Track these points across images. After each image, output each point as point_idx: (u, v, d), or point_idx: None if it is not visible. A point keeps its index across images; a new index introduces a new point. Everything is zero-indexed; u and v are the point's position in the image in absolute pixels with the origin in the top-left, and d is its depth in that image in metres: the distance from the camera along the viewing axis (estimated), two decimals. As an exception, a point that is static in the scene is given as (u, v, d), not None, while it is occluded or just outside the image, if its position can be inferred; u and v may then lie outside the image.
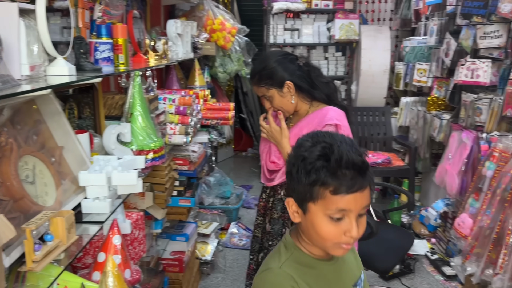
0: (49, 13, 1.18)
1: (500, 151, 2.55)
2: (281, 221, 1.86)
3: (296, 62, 1.77)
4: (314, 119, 1.75)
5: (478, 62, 2.90)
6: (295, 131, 1.76)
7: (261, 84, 1.75)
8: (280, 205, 1.86)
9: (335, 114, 1.72)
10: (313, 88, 1.76)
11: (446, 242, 3.27)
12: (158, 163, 1.80)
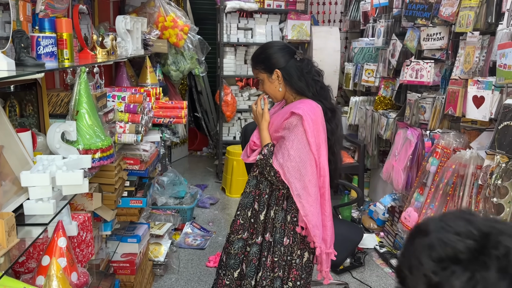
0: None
1: (442, 148, 2.69)
2: (282, 230, 1.87)
3: (293, 56, 1.85)
4: (290, 107, 1.82)
5: (422, 62, 3.05)
6: (275, 116, 1.88)
7: (256, 67, 1.89)
8: (282, 215, 1.88)
9: (306, 106, 1.77)
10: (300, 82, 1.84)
11: (394, 235, 3.40)
12: (106, 163, 1.74)
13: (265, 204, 1.89)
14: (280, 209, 1.87)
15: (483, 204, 2.32)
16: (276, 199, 1.88)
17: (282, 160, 1.77)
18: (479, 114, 2.35)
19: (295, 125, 1.75)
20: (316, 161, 1.78)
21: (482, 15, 2.45)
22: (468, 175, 2.41)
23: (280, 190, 1.87)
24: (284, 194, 1.87)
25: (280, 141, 1.82)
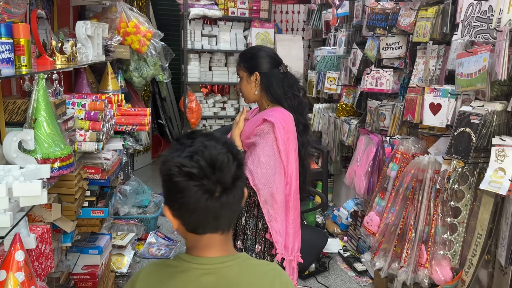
0: None
1: (401, 153, 2.78)
2: (253, 237, 1.86)
3: (278, 67, 1.91)
4: (262, 114, 1.86)
5: (381, 71, 3.14)
6: (247, 123, 1.91)
7: (240, 63, 1.93)
8: (253, 222, 1.87)
9: (278, 114, 1.80)
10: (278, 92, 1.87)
11: (357, 239, 3.47)
12: (66, 172, 1.69)
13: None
14: (252, 216, 1.87)
15: (441, 208, 2.42)
16: (247, 206, 1.88)
17: (252, 166, 1.77)
18: (436, 121, 2.44)
19: (267, 132, 1.77)
20: (285, 169, 1.80)
21: (438, 26, 2.57)
22: (427, 180, 2.50)
23: (251, 197, 1.87)
24: (255, 201, 1.87)
25: (251, 148, 1.82)
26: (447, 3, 2.48)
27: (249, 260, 1.04)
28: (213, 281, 0.96)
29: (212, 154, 0.92)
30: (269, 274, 1.02)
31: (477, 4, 2.13)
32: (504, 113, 2.03)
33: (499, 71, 1.91)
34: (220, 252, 0.99)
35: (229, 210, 0.96)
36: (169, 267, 1.00)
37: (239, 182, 0.96)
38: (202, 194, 0.90)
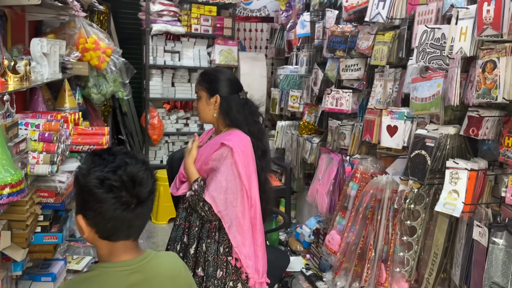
0: None
1: (361, 173, 2.83)
2: (215, 263, 1.82)
3: (238, 92, 1.92)
4: (220, 138, 1.86)
5: (341, 92, 3.21)
6: (204, 146, 1.90)
7: (201, 83, 1.93)
8: (214, 247, 1.84)
9: (236, 138, 1.82)
10: (238, 118, 1.88)
11: (319, 257, 3.49)
12: (16, 199, 1.61)
13: (195, 237, 1.86)
14: (213, 241, 1.84)
15: (399, 227, 2.47)
16: (207, 231, 1.85)
17: (215, 193, 1.76)
18: (393, 142, 2.51)
19: (226, 157, 1.77)
20: (247, 192, 1.79)
21: (394, 50, 2.65)
22: (385, 199, 2.55)
23: (212, 222, 1.85)
24: (216, 226, 1.85)
25: (211, 174, 1.81)
26: (403, 29, 2.57)
27: (157, 254, 1.19)
28: (141, 277, 1.09)
29: (134, 171, 1.04)
30: (174, 260, 1.24)
31: (430, 31, 2.22)
32: (457, 137, 2.12)
33: (452, 97, 1.99)
34: (135, 254, 1.12)
35: (141, 220, 1.09)
36: (94, 277, 1.07)
37: (152, 196, 1.10)
38: (120, 205, 1.02)
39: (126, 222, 1.04)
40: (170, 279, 1.16)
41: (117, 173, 1.01)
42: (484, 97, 1.83)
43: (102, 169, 1.02)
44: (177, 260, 1.25)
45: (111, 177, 1.00)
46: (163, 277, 1.14)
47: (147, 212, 1.09)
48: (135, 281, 1.07)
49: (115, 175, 1.00)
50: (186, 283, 1.22)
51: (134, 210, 1.04)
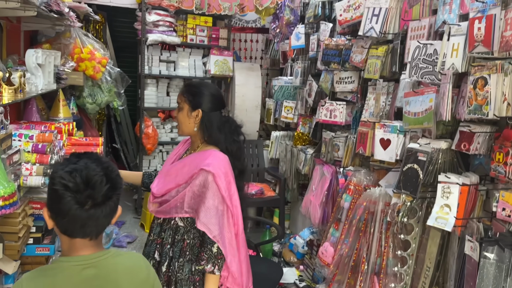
0: None
1: (354, 185, 2.84)
2: (190, 282, 1.79)
3: (220, 109, 1.92)
4: (197, 159, 1.83)
5: (335, 104, 3.24)
6: (179, 165, 1.87)
7: (184, 94, 1.89)
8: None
9: (215, 161, 1.79)
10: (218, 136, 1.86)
11: (312, 269, 3.49)
12: (9, 211, 1.61)
13: (167, 255, 1.83)
14: (186, 260, 1.81)
15: (392, 240, 2.48)
16: (180, 250, 1.82)
17: (205, 219, 1.74)
18: (386, 156, 2.53)
19: (209, 182, 1.75)
20: (232, 212, 1.80)
21: (388, 64, 2.68)
22: (378, 212, 2.56)
23: (185, 241, 1.82)
24: (188, 244, 1.82)
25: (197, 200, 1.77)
26: (396, 43, 2.60)
27: (119, 252, 1.26)
28: (94, 272, 1.16)
29: (89, 174, 1.12)
30: (134, 256, 1.30)
31: (423, 47, 2.25)
32: (449, 151, 2.14)
33: (444, 112, 2.01)
34: (93, 250, 1.19)
35: (95, 222, 1.15)
36: (50, 270, 1.18)
37: (110, 202, 1.16)
38: (74, 204, 1.10)
39: (80, 221, 1.12)
40: (127, 276, 1.21)
41: (72, 174, 1.11)
42: (475, 113, 1.85)
43: (63, 168, 1.13)
44: (139, 259, 1.30)
45: (66, 177, 1.10)
46: (119, 274, 1.20)
47: (102, 215, 1.15)
48: (88, 276, 1.15)
49: (70, 176, 1.11)
50: (146, 281, 1.26)
51: (88, 211, 1.12)
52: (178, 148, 2.06)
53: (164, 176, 1.91)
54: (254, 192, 4.20)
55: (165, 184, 1.86)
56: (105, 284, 1.17)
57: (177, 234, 1.82)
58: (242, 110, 4.72)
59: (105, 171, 1.15)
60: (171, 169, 1.90)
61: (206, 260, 1.73)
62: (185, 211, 1.78)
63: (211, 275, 1.75)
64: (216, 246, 1.73)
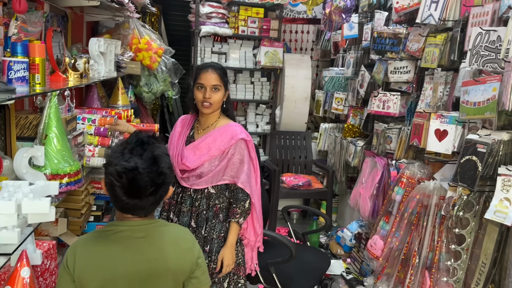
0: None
1: (407, 177, 2.77)
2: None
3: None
4: (226, 132, 2.04)
5: (388, 94, 3.16)
6: (209, 139, 2.02)
7: (222, 76, 2.03)
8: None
9: (244, 131, 2.06)
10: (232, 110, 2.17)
11: (360, 262, 3.45)
12: (74, 188, 1.72)
13: (203, 220, 2.03)
14: (217, 221, 2.03)
15: (446, 234, 2.40)
16: (213, 213, 2.03)
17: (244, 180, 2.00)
18: (441, 147, 2.44)
19: (244, 148, 2.03)
20: (255, 170, 2.09)
21: (446, 53, 2.58)
22: (432, 206, 2.49)
23: (217, 205, 2.03)
24: (220, 208, 2.04)
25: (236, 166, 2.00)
26: (455, 31, 2.50)
27: (166, 222, 1.38)
28: (142, 236, 1.27)
29: (135, 178, 1.19)
30: (181, 229, 1.40)
31: (485, 34, 2.15)
32: (510, 143, 2.03)
33: (506, 102, 1.92)
34: (144, 219, 1.29)
35: (142, 208, 1.25)
36: (105, 232, 1.29)
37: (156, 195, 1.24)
38: (122, 195, 1.21)
39: (128, 207, 1.24)
40: (172, 243, 1.30)
41: (119, 174, 1.19)
42: (542, 102, 1.75)
43: (116, 162, 1.21)
44: (185, 231, 1.40)
45: (115, 176, 1.20)
46: (164, 240, 1.29)
47: (147, 205, 1.25)
48: (137, 240, 1.27)
49: (118, 176, 1.19)
50: (190, 250, 1.34)
51: (135, 201, 1.22)
52: (179, 129, 2.17)
53: (193, 151, 2.05)
54: (301, 183, 4.20)
55: (197, 158, 2.02)
56: (152, 248, 1.26)
57: (210, 200, 2.02)
58: (291, 101, 4.71)
59: (151, 175, 1.21)
60: (198, 145, 2.05)
61: (240, 214, 2.00)
62: (224, 178, 1.98)
63: (237, 227, 2.02)
64: (248, 202, 2.00)
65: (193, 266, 1.31)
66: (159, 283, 1.26)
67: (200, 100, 1.99)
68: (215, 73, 2.01)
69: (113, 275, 1.21)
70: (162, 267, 1.25)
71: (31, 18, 1.65)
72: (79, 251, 1.24)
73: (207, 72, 2.00)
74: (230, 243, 2.00)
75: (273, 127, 5.05)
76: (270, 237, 2.48)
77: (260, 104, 5.08)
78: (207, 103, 1.98)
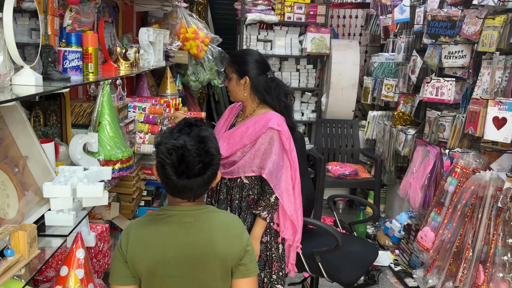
0: (17, 14, 1.14)
1: (461, 167, 2.65)
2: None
3: (266, 72, 2.03)
4: (259, 120, 1.98)
5: (442, 80, 3.02)
6: (242, 128, 1.99)
7: (231, 65, 2.01)
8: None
9: (278, 119, 1.97)
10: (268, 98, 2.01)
11: (409, 254, 3.35)
12: (125, 174, 1.77)
13: (236, 209, 2.01)
14: (249, 212, 1.99)
15: (502, 227, 2.28)
16: (246, 204, 1.99)
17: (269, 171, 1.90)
18: (499, 136, 2.31)
19: (276, 139, 1.93)
20: (291, 164, 1.98)
21: (506, 35, 2.42)
22: (488, 197, 2.37)
23: (250, 196, 1.98)
24: (253, 199, 1.99)
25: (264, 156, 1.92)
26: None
27: (216, 209, 1.39)
28: (191, 221, 1.29)
29: (184, 154, 1.21)
30: (231, 216, 1.41)
31: (552, 13, 1.99)
32: None
33: None
34: (194, 204, 1.32)
35: (190, 190, 1.26)
36: (157, 215, 1.32)
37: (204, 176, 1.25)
38: (172, 174, 1.23)
39: (178, 187, 1.25)
40: (220, 230, 1.31)
41: (169, 152, 1.22)
42: None
43: (166, 141, 1.24)
44: (234, 219, 1.40)
45: (165, 154, 1.22)
46: (213, 226, 1.31)
47: (196, 186, 1.26)
48: (186, 224, 1.29)
49: (168, 153, 1.22)
50: (239, 237, 1.34)
51: (184, 181, 1.23)
52: (226, 116, 2.17)
53: (227, 139, 2.02)
54: (347, 172, 4.12)
55: (230, 146, 1.99)
56: (201, 233, 1.28)
57: (244, 190, 1.98)
58: (337, 89, 4.62)
59: (199, 152, 1.23)
60: (233, 133, 2.01)
61: (263, 207, 1.92)
62: (252, 170, 1.93)
63: (262, 220, 1.94)
64: (274, 196, 1.92)
65: (241, 253, 1.32)
66: (208, 268, 1.28)
67: None
68: (227, 62, 2.03)
69: (163, 257, 1.25)
70: (210, 252, 1.27)
71: (84, 9, 1.71)
72: (132, 233, 1.29)
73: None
74: (253, 235, 1.93)
75: (318, 115, 4.98)
76: (316, 226, 2.44)
77: (305, 92, 5.02)
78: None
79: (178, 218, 1.29)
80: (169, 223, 1.29)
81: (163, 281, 1.26)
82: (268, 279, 2.03)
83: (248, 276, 1.33)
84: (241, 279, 1.32)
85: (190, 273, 1.27)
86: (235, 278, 1.32)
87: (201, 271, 1.27)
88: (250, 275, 1.33)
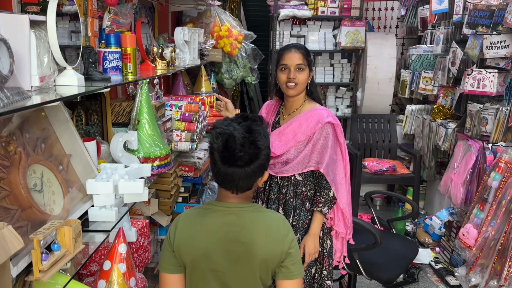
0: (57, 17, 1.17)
1: (506, 162, 2.54)
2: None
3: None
4: (312, 116, 1.95)
5: (484, 72, 2.90)
6: (294, 125, 1.95)
7: (306, 56, 1.96)
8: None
9: (331, 115, 1.98)
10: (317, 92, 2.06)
11: (450, 251, 3.25)
12: (164, 171, 1.81)
13: (291, 207, 1.97)
14: (303, 209, 1.96)
15: (552, 225, 2.17)
16: (301, 201, 1.96)
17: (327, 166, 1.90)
18: (549, 128, 2.20)
19: (331, 133, 1.94)
20: (343, 157, 1.99)
21: (554, 22, 2.30)
22: (535, 193, 2.26)
23: (303, 192, 1.96)
24: (307, 195, 1.96)
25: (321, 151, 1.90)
26: None
27: (261, 208, 1.38)
28: (234, 218, 1.30)
29: (228, 140, 1.24)
30: (276, 217, 1.36)
31: None
32: None
33: None
34: (239, 201, 1.32)
35: (233, 180, 1.27)
36: (203, 209, 1.34)
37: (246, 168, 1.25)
38: (218, 160, 1.26)
39: (222, 175, 1.27)
40: (261, 231, 1.29)
41: (216, 136, 1.25)
42: None
43: (218, 127, 1.28)
44: (279, 221, 1.35)
45: (213, 138, 1.26)
46: (254, 226, 1.29)
47: (242, 177, 1.26)
48: (229, 221, 1.29)
49: (215, 137, 1.26)
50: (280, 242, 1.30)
51: (228, 169, 1.25)
52: (264, 115, 2.11)
53: (278, 137, 1.99)
54: (385, 168, 4.04)
55: (283, 143, 1.96)
56: (241, 232, 1.28)
57: (297, 187, 1.95)
58: (373, 83, 4.53)
59: (244, 141, 1.24)
60: (284, 130, 1.98)
61: (323, 203, 1.91)
62: (310, 165, 1.90)
63: (320, 216, 1.93)
64: (332, 191, 1.90)
65: (282, 256, 1.30)
66: (248, 266, 1.28)
67: (284, 81, 1.92)
68: (298, 53, 1.93)
69: (206, 251, 1.27)
70: (250, 252, 1.27)
71: (122, 10, 1.75)
72: (179, 224, 1.32)
73: (290, 52, 1.93)
74: (312, 232, 1.92)
75: (354, 110, 4.90)
76: (354, 223, 2.41)
77: (340, 87, 4.95)
78: (291, 84, 1.90)
79: (222, 214, 1.30)
80: (214, 218, 1.31)
81: (205, 273, 1.28)
82: (319, 274, 2.02)
83: (291, 279, 1.31)
84: (284, 281, 1.31)
85: (231, 269, 1.28)
86: (278, 279, 1.32)
87: (241, 269, 1.28)
88: (293, 277, 1.31)
